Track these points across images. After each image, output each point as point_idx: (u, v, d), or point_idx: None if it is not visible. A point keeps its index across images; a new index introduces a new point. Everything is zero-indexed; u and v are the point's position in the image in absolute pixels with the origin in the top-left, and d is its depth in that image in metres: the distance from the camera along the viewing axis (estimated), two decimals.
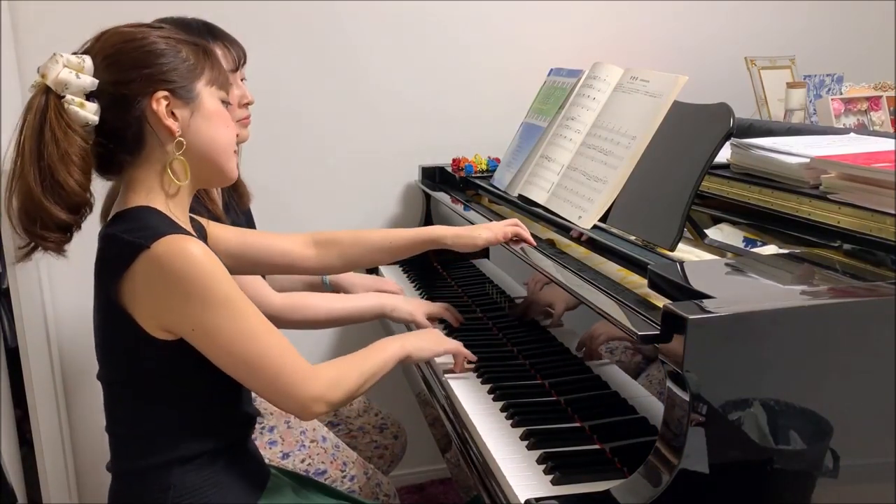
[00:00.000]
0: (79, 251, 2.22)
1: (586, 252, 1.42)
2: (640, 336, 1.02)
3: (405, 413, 2.02)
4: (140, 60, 1.11)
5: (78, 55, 1.11)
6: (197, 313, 1.06)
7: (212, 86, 1.18)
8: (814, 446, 0.98)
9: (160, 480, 1.14)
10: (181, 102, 1.13)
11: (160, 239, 1.05)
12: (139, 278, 1.06)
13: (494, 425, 1.26)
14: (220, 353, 1.09)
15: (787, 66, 2.26)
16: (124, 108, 1.11)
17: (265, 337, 1.10)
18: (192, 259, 1.05)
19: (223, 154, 1.19)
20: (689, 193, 1.26)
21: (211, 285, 1.06)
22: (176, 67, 1.13)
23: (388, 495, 1.67)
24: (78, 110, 1.08)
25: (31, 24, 1.96)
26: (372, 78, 2.22)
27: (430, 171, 2.24)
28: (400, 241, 1.50)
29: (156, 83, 1.11)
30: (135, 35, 1.13)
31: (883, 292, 1.01)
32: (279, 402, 1.14)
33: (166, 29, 1.17)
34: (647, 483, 0.95)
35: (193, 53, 1.16)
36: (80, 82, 1.08)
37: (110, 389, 1.18)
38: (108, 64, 1.11)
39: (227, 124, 1.19)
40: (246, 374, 1.11)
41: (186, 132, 1.14)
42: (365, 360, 1.25)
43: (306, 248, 1.47)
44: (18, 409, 1.99)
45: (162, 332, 1.09)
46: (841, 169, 1.25)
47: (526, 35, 2.30)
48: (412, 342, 1.37)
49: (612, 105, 1.57)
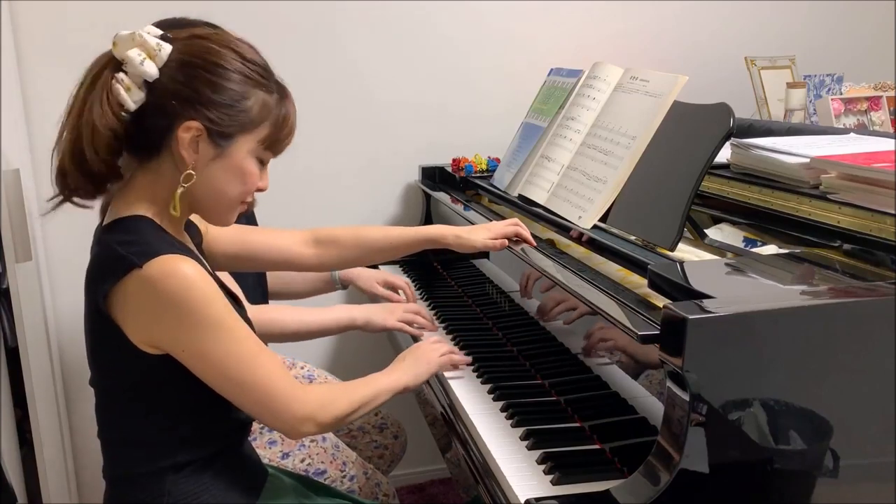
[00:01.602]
0: (79, 251, 2.21)
1: (586, 252, 1.42)
2: (640, 336, 1.02)
3: (405, 413, 2.02)
4: (201, 85, 1.07)
5: (159, 40, 1.07)
6: (188, 336, 1.06)
7: (258, 144, 1.13)
8: (814, 446, 0.98)
9: (155, 487, 1.13)
10: (210, 142, 1.10)
11: (153, 259, 1.04)
12: (130, 295, 1.05)
13: (494, 425, 1.26)
14: (210, 373, 1.09)
15: (787, 66, 2.26)
16: (159, 115, 1.08)
17: (256, 359, 1.09)
18: (184, 281, 1.04)
19: (224, 207, 1.16)
20: (689, 193, 1.26)
21: (203, 309, 1.05)
22: (229, 113, 1.09)
23: (387, 495, 1.67)
24: (121, 91, 1.06)
25: (31, 24, 1.96)
26: (372, 78, 2.22)
27: (430, 171, 2.24)
28: (400, 240, 1.49)
29: (197, 114, 1.08)
30: (220, 56, 1.09)
31: (883, 292, 1.01)
32: (269, 421, 1.15)
33: (255, 66, 1.12)
34: (647, 483, 0.95)
35: (260, 106, 1.11)
36: (142, 69, 1.06)
37: (101, 395, 1.17)
38: (177, 66, 1.08)
39: (246, 182, 1.14)
40: (236, 394, 1.11)
41: (200, 170, 1.10)
42: (356, 389, 1.24)
43: (305, 247, 1.46)
44: (18, 409, 1.98)
45: (150, 348, 1.08)
46: (841, 169, 1.25)
47: (526, 35, 2.30)
48: (406, 372, 1.35)
49: (612, 105, 1.57)
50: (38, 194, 2.02)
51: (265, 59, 1.16)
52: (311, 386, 1.20)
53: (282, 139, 1.17)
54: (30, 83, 1.98)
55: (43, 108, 1.99)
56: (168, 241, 1.10)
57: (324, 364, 2.32)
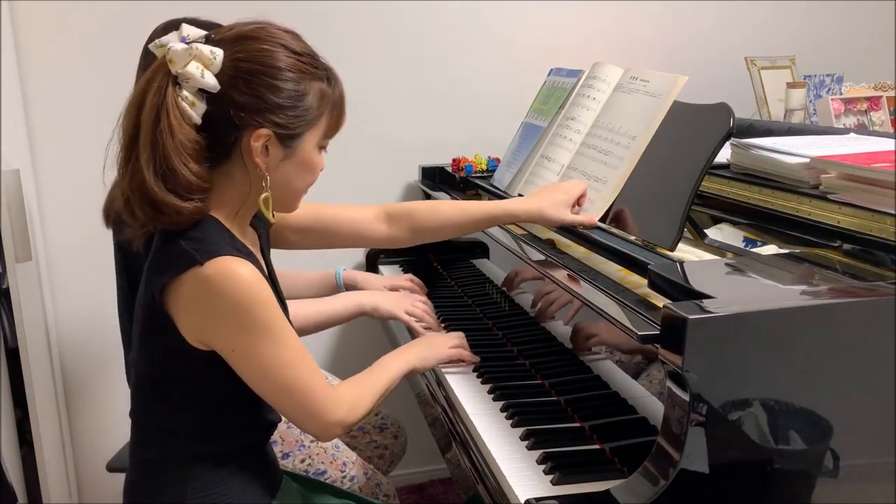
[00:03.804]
0: (79, 251, 2.21)
1: (586, 252, 1.42)
2: (640, 336, 1.02)
3: (405, 413, 2.02)
4: (262, 90, 1.08)
5: (211, 47, 1.07)
6: (239, 337, 1.08)
7: (322, 135, 1.16)
8: (814, 446, 0.98)
9: (181, 472, 1.16)
10: (280, 144, 1.11)
11: (214, 259, 1.05)
12: (187, 292, 1.07)
13: (494, 425, 1.26)
14: (254, 374, 1.11)
15: (787, 66, 2.26)
16: (225, 126, 1.09)
17: (299, 364, 1.12)
18: (241, 284, 1.05)
19: (294, 197, 1.21)
20: (689, 193, 1.26)
21: (256, 311, 1.07)
22: (294, 114, 1.10)
23: (387, 495, 1.67)
24: (187, 108, 1.06)
25: (32, 24, 1.96)
26: (372, 77, 2.22)
27: (430, 171, 2.24)
28: (473, 216, 1.46)
29: (265, 120, 1.09)
30: (273, 57, 1.09)
31: (883, 292, 1.01)
32: (302, 424, 1.17)
33: (305, 57, 1.12)
34: (647, 483, 0.95)
35: (319, 98, 1.13)
36: (203, 81, 1.06)
37: (141, 378, 1.19)
38: (233, 73, 1.08)
39: (313, 171, 1.18)
40: (275, 396, 1.13)
41: (272, 171, 1.13)
42: (376, 380, 1.27)
43: (377, 222, 1.48)
44: (18, 409, 1.99)
45: (199, 344, 1.10)
46: (841, 169, 1.25)
47: (526, 35, 2.30)
48: (416, 354, 1.38)
49: (612, 105, 1.57)
50: (38, 194, 2.02)
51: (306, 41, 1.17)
52: (339, 388, 1.21)
53: (340, 121, 1.19)
54: (30, 83, 1.98)
55: (43, 109, 2.00)
56: (231, 242, 1.12)
57: (323, 364, 2.32)
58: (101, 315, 2.06)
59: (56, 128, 2.01)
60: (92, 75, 2.00)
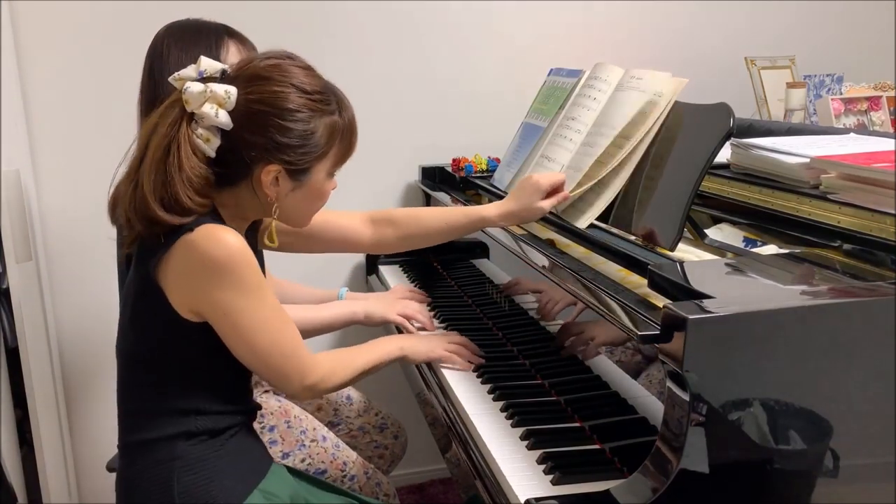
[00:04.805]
0: (79, 251, 2.21)
1: (586, 252, 1.42)
2: (641, 336, 1.02)
3: (405, 413, 2.02)
4: (272, 131, 1.13)
5: (226, 86, 1.12)
6: (226, 296, 1.12)
7: (331, 165, 1.22)
8: (814, 446, 0.98)
9: (166, 452, 1.19)
10: (289, 178, 1.18)
11: (202, 226, 1.12)
12: (177, 256, 1.12)
13: (494, 425, 1.26)
14: (238, 335, 1.15)
15: (787, 66, 2.26)
16: (236, 161, 1.15)
17: (282, 327, 1.18)
18: (227, 246, 1.11)
19: (305, 219, 1.27)
20: (689, 193, 1.26)
21: (241, 270, 1.12)
22: (304, 151, 1.16)
23: (388, 495, 1.67)
24: (202, 143, 1.12)
25: (31, 24, 1.96)
26: (371, 78, 2.22)
27: (430, 171, 2.24)
28: (456, 222, 1.49)
29: (275, 158, 1.15)
30: (285, 99, 1.14)
31: (883, 292, 1.01)
32: (278, 383, 1.23)
33: (315, 95, 1.17)
34: (647, 483, 0.95)
35: (328, 133, 1.18)
36: (217, 120, 1.12)
37: (126, 363, 1.23)
38: (245, 112, 1.13)
39: (322, 198, 1.25)
40: (255, 358, 1.18)
41: (282, 200, 1.19)
42: (360, 356, 1.34)
43: (364, 227, 1.51)
44: (18, 409, 1.99)
45: (189, 314, 1.15)
46: (841, 169, 1.25)
47: (526, 35, 2.30)
48: (409, 342, 1.43)
49: (612, 105, 1.57)
50: (38, 194, 2.02)
51: (319, 73, 1.21)
52: (319, 355, 1.27)
53: (350, 149, 1.25)
54: (30, 83, 1.98)
55: (43, 109, 1.99)
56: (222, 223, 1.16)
57: None
58: (101, 315, 2.07)
59: (56, 128, 2.01)
60: (92, 76, 2.00)
